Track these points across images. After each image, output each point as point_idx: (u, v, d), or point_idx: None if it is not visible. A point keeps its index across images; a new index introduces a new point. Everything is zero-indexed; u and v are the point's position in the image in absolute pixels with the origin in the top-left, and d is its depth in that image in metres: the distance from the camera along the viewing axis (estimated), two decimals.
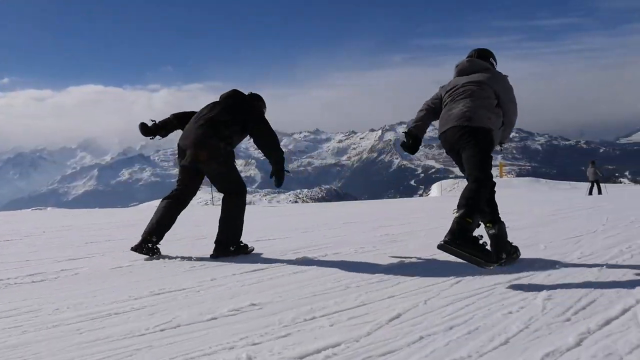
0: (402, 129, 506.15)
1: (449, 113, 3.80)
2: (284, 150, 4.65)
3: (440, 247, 3.14)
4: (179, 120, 4.71)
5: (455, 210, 3.31)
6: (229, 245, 4.36)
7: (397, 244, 5.21)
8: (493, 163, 3.70)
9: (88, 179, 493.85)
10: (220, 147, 4.29)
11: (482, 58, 4.09)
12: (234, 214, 4.41)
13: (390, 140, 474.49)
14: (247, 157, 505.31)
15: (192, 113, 4.64)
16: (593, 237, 5.30)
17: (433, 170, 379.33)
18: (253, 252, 4.59)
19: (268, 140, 4.51)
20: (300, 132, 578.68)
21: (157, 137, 4.70)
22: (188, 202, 4.54)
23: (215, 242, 4.37)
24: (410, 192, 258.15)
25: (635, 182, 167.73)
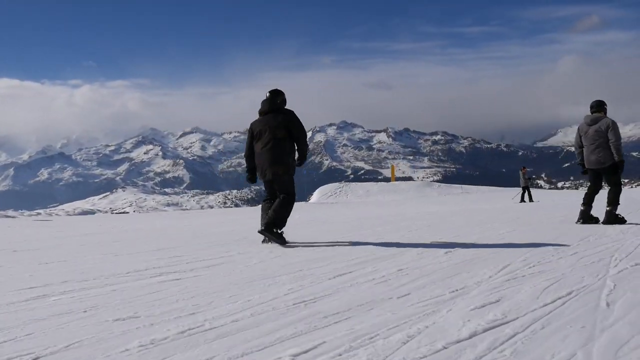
0: (332, 130, 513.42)
1: (589, 159, 7.52)
2: (214, 150, 4.74)
3: (603, 222, 7.29)
4: (250, 155, 6.28)
5: (606, 205, 7.32)
6: (276, 228, 5.82)
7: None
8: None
9: (3, 179, 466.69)
10: (289, 164, 6.00)
11: (599, 106, 7.54)
12: (284, 207, 5.91)
13: (321, 141, 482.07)
14: (176, 157, 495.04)
15: (251, 144, 6.23)
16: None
17: (362, 171, 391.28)
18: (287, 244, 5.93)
19: (301, 136, 6.04)
20: (230, 132, 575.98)
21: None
22: None
23: (267, 223, 5.79)
24: None
25: (551, 183, 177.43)
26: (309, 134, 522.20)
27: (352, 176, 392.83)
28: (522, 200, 21.14)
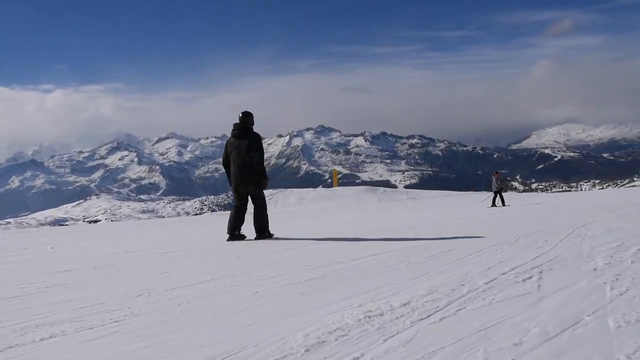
0: (309, 135, 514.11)
1: None
2: (191, 155, 5.29)
3: None
4: (227, 164, 7.95)
5: None
6: (265, 231, 7.82)
7: None
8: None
9: None
10: (258, 181, 7.67)
11: None
12: (262, 215, 7.80)
13: (298, 146, 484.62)
14: (152, 163, 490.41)
15: (227, 157, 7.90)
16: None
17: (340, 175, 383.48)
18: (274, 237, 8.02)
19: (256, 157, 7.56)
20: (207, 138, 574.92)
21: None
22: (246, 208, 7.88)
23: (256, 230, 7.82)
24: None
25: (525, 185, 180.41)
26: (286, 139, 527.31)
27: (329, 180, 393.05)
28: (494, 204, 21.52)
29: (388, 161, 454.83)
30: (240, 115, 7.83)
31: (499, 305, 3.12)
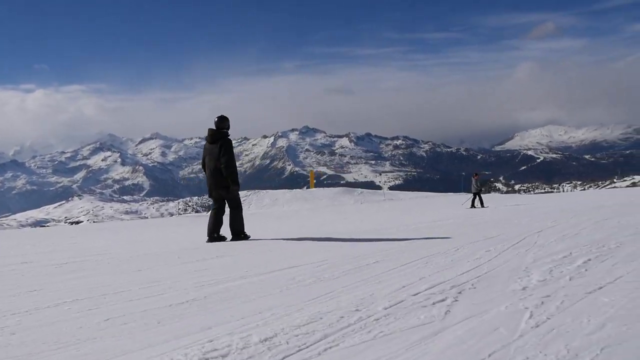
0: (294, 136, 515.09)
1: None
2: (175, 156, 4.69)
3: None
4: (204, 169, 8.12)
5: None
6: (239, 233, 7.90)
7: None
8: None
9: None
10: (228, 186, 7.73)
11: None
12: (237, 218, 7.90)
13: (283, 147, 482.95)
14: (135, 164, 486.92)
15: (203, 160, 8.08)
16: None
17: (325, 176, 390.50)
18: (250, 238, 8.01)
19: (224, 162, 7.61)
20: (191, 138, 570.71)
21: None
22: (224, 210, 8.00)
23: (232, 232, 7.89)
24: None
25: (508, 186, 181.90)
26: (271, 140, 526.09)
27: (314, 181, 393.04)
28: (473, 206, 21.23)
29: (373, 162, 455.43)
30: (216, 119, 7.90)
31: (383, 341, 2.49)
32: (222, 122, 7.87)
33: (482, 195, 22.61)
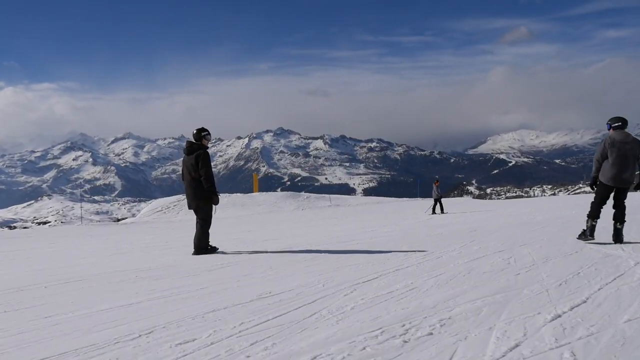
0: (268, 137, 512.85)
1: (619, 176, 7.42)
2: (148, 156, 4.84)
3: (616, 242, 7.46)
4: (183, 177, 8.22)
5: (618, 223, 7.47)
6: (203, 247, 7.96)
7: None
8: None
9: None
10: (207, 197, 7.84)
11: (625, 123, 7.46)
12: (203, 233, 7.95)
13: (257, 148, 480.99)
14: (107, 164, 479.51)
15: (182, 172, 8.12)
16: None
17: (299, 178, 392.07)
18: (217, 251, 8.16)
19: (202, 173, 7.73)
20: (165, 139, 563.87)
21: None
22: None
23: (197, 249, 7.91)
24: None
25: (481, 189, 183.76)
26: (245, 141, 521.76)
27: (288, 183, 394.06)
28: (434, 212, 21.64)
29: (347, 164, 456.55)
30: (194, 132, 8.06)
31: None
32: (198, 134, 7.98)
33: (442, 202, 23.08)
